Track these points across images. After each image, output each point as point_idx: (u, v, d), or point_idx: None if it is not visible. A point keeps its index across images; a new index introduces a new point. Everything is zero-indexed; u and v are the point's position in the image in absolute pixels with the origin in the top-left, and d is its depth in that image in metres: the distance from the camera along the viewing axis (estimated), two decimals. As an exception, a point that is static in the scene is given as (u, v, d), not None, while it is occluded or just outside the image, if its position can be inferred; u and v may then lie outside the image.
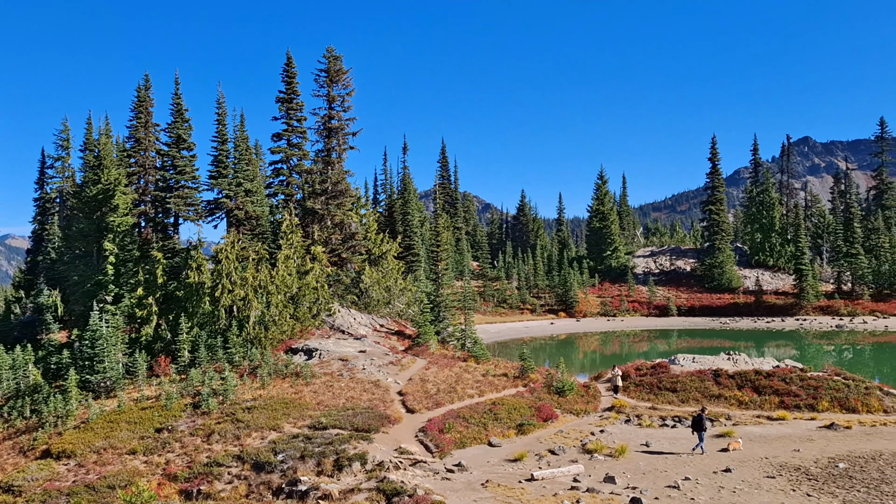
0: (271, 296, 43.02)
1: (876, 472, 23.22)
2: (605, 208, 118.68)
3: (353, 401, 31.52)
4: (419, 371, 38.74)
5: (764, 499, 20.68)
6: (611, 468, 23.86)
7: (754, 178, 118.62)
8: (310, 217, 55.84)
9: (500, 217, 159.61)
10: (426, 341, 46.51)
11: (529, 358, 39.81)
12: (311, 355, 40.66)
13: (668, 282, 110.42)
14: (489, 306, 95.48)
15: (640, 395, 37.03)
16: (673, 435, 29.39)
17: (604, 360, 61.31)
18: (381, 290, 56.95)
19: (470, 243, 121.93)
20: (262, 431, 26.37)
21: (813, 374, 37.23)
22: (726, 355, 42.55)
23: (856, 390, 34.69)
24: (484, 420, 29.91)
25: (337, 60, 57.21)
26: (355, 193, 61.47)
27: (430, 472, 23.40)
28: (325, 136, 57.91)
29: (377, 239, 62.30)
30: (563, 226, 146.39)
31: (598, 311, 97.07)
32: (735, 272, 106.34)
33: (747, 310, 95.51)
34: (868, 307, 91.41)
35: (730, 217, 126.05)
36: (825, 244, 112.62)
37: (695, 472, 23.34)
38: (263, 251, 47.18)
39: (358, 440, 25.12)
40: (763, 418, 32.21)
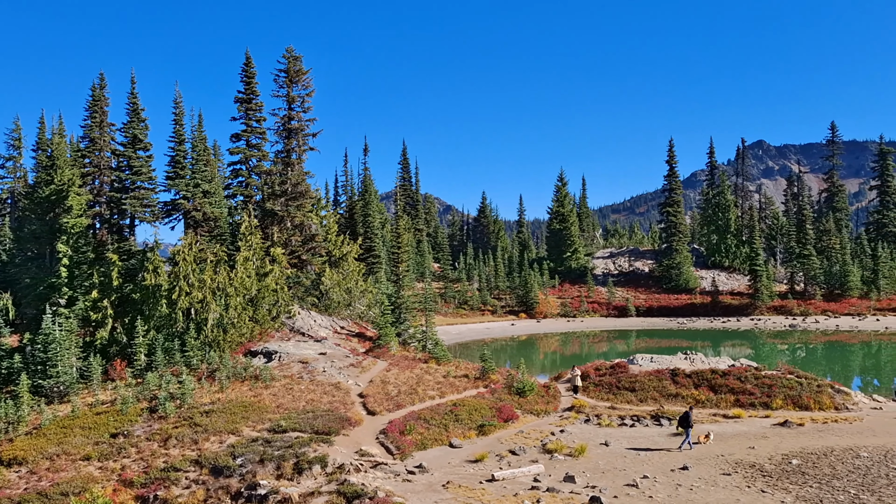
0: (230, 298, 42.52)
1: (827, 468, 23.79)
2: (565, 210, 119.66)
3: (314, 403, 31.31)
4: (380, 373, 38.64)
5: (720, 495, 21.05)
6: (571, 468, 24.08)
7: (710, 180, 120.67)
8: (269, 218, 55.32)
9: (461, 219, 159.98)
10: (387, 343, 46.39)
11: (490, 359, 39.95)
12: (270, 358, 40.28)
13: (626, 283, 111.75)
14: (450, 308, 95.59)
15: (600, 394, 37.43)
16: (632, 434, 29.77)
17: (564, 361, 61.80)
18: (341, 292, 56.66)
19: (431, 245, 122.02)
20: (220, 435, 26.05)
21: (767, 373, 38.01)
22: (683, 355, 43.22)
23: (808, 388, 35.51)
24: (445, 421, 29.94)
25: (297, 61, 56.78)
26: (315, 195, 61.06)
27: (390, 474, 23.36)
28: (284, 136, 57.43)
29: (338, 241, 61.97)
30: (524, 227, 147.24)
31: (558, 312, 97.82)
32: (692, 273, 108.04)
33: (704, 310, 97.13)
34: (820, 307, 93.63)
35: (687, 219, 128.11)
36: (779, 245, 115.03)
37: (653, 471, 23.67)
38: (222, 253, 46.60)
39: (318, 443, 24.96)
40: (719, 416, 32.78)
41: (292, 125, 57.16)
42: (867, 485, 21.82)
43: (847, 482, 22.12)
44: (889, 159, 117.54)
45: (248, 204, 55.34)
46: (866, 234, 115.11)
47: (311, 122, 57.84)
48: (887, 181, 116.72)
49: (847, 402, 34.81)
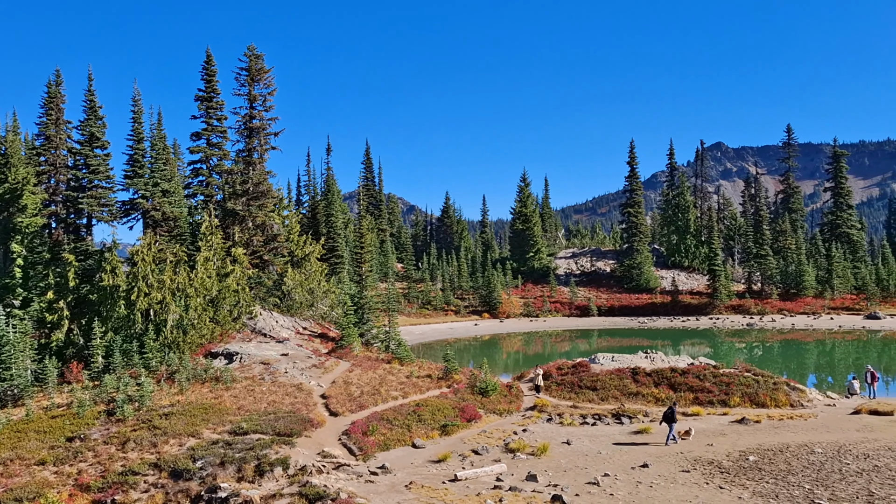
0: (190, 299, 41.98)
1: (783, 464, 24.27)
2: (528, 210, 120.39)
3: (275, 405, 31.06)
4: (343, 373, 38.47)
5: (679, 492, 21.35)
6: (533, 466, 24.22)
7: (670, 181, 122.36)
8: (230, 218, 54.74)
9: (424, 219, 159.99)
10: (350, 343, 46.20)
11: (453, 359, 40.01)
12: (231, 359, 39.86)
13: (588, 282, 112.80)
14: (414, 308, 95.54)
15: (562, 394, 37.73)
16: (592, 432, 30.06)
17: (527, 361, 62.16)
18: (303, 293, 56.27)
19: (394, 245, 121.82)
20: (180, 438, 25.70)
21: (725, 371, 38.67)
22: (644, 354, 43.75)
23: (765, 386, 36.21)
24: (408, 422, 29.92)
25: (258, 59, 56.26)
26: (277, 194, 60.55)
27: (353, 475, 23.27)
28: (246, 135, 56.86)
29: (300, 241, 61.54)
30: (487, 228, 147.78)
31: (521, 312, 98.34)
32: (653, 273, 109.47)
33: (664, 309, 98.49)
34: (776, 306, 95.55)
35: (647, 219, 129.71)
36: (737, 246, 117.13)
37: (614, 469, 23.92)
38: (182, 253, 45.99)
39: (280, 445, 24.77)
40: (679, 415, 33.21)
41: (254, 124, 56.62)
42: (821, 480, 22.31)
43: (802, 477, 22.59)
44: (842, 162, 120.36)
45: (209, 203, 54.69)
46: (821, 235, 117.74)
47: (272, 121, 57.38)
48: (841, 183, 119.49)
49: (802, 399, 35.57)
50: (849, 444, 27.03)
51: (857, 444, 27.03)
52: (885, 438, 27.83)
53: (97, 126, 50.53)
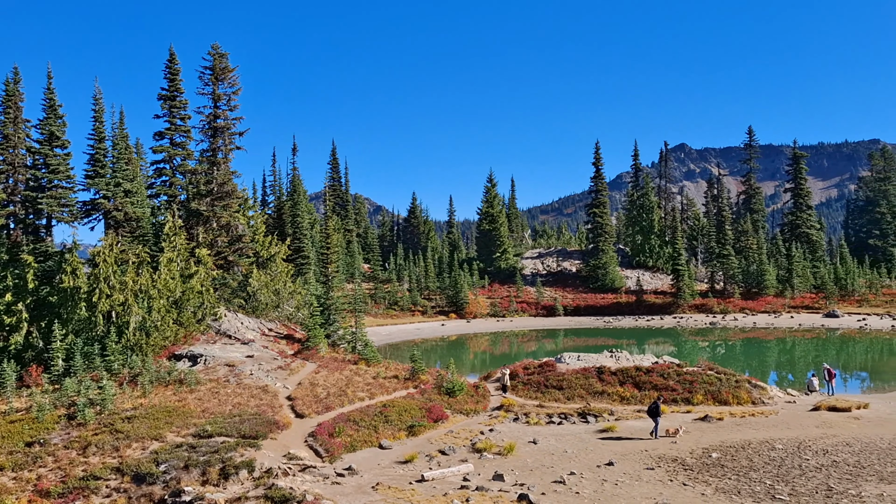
0: (153, 300, 41.40)
1: (745, 461, 24.69)
2: (495, 211, 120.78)
3: (241, 407, 30.78)
4: (309, 375, 38.24)
5: (644, 489, 21.60)
6: (500, 466, 24.32)
7: (635, 182, 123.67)
8: (194, 219, 54.10)
9: (391, 219, 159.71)
10: (316, 345, 45.94)
11: (420, 359, 40.00)
12: (195, 361, 39.40)
13: (555, 282, 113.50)
14: (380, 308, 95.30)
15: (528, 393, 37.92)
16: (559, 431, 30.27)
17: (494, 361, 62.37)
18: (269, 294, 55.81)
19: (361, 245, 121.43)
20: (143, 441, 25.34)
21: (689, 370, 39.20)
22: (609, 353, 44.16)
23: (727, 383, 36.78)
24: (374, 423, 29.85)
25: (223, 58, 55.69)
26: (242, 195, 60.00)
27: (319, 477, 23.15)
28: (210, 135, 56.25)
29: (265, 241, 61.04)
30: (454, 228, 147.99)
31: (487, 312, 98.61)
32: (618, 273, 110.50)
33: (629, 309, 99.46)
34: (738, 305, 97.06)
35: (613, 220, 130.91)
36: (700, 245, 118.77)
37: (580, 467, 24.12)
38: (145, 254, 45.32)
39: (245, 447, 24.55)
40: (643, 413, 33.59)
41: (218, 123, 56.04)
42: (781, 475, 22.74)
43: (763, 473, 23.00)
44: (802, 163, 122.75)
45: (173, 204, 54.01)
46: (781, 235, 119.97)
47: (237, 120, 56.84)
48: (800, 184, 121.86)
49: (763, 396, 36.19)
50: (808, 440, 27.60)
51: (817, 440, 27.61)
52: (843, 434, 28.47)
53: (57, 125, 49.62)
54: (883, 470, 23.18)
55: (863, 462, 24.19)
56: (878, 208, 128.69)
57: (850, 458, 24.84)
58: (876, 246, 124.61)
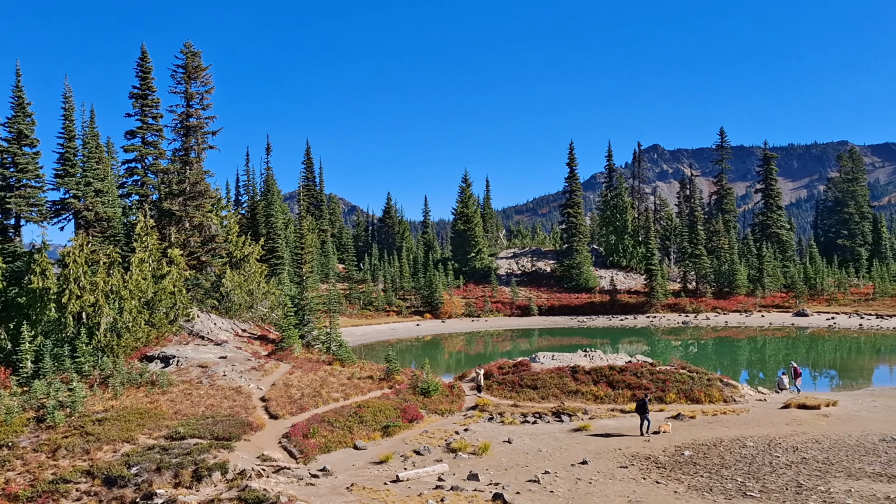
0: (124, 301, 40.91)
1: (717, 458, 24.97)
2: (470, 211, 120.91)
3: (214, 408, 30.53)
4: (283, 376, 38.03)
5: (617, 488, 21.76)
6: (474, 466, 24.37)
7: (609, 182, 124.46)
8: (167, 219, 53.55)
9: (366, 219, 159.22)
10: (290, 345, 45.69)
11: (395, 360, 39.95)
12: (168, 363, 39.01)
13: (529, 282, 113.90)
14: (355, 309, 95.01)
15: (503, 393, 38.02)
16: (533, 431, 30.39)
17: (468, 360, 62.45)
18: (242, 294, 55.40)
19: (335, 245, 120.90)
20: (114, 444, 25.04)
21: (662, 368, 39.54)
22: (583, 352, 44.41)
23: (699, 382, 37.16)
24: (349, 423, 29.77)
25: (195, 56, 55.20)
26: (215, 194, 59.49)
27: (294, 479, 23.04)
28: (182, 134, 55.73)
29: (239, 241, 60.58)
30: (429, 228, 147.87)
31: (462, 312, 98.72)
32: (592, 273, 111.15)
33: (603, 308, 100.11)
34: (710, 304, 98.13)
35: (587, 220, 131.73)
36: (673, 245, 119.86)
37: (554, 466, 24.24)
38: (116, 254, 44.77)
39: (218, 449, 24.35)
40: (617, 411, 33.88)
41: (191, 122, 55.55)
42: (753, 472, 23.03)
43: (735, 471, 23.28)
44: (772, 164, 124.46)
45: (144, 204, 53.41)
46: (752, 235, 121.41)
47: (210, 119, 56.38)
48: (771, 185, 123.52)
49: (735, 394, 36.62)
50: (779, 437, 27.98)
51: (787, 437, 28.01)
52: (812, 432, 28.91)
53: (25, 123, 48.76)
54: (851, 466, 23.57)
55: (831, 459, 24.58)
56: (846, 209, 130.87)
57: (819, 454, 25.22)
58: (844, 246, 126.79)
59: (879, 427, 29.44)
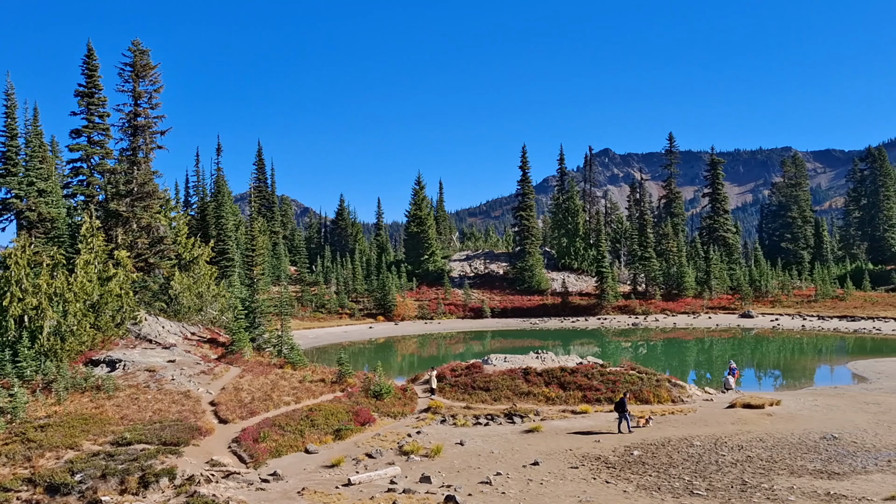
0: (69, 304, 39.93)
1: (665, 458, 25.41)
2: (423, 213, 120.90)
3: (161, 413, 30.01)
4: (233, 380, 37.55)
5: (568, 488, 21.99)
6: (427, 468, 24.38)
7: (561, 186, 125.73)
8: (113, 220, 52.42)
9: (318, 221, 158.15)
10: (240, 349, 45.13)
11: (347, 363, 39.77)
12: (114, 367, 38.20)
13: (482, 285, 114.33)
14: (307, 311, 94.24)
15: (456, 395, 38.09)
16: (485, 432, 30.52)
17: (421, 363, 62.45)
18: (192, 297, 54.53)
19: (288, 248, 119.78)
20: (57, 451, 24.42)
21: (612, 370, 40.07)
22: (535, 354, 44.75)
23: (648, 383, 37.77)
24: (300, 427, 29.52)
25: (144, 55, 54.17)
26: (164, 195, 58.47)
27: (243, 484, 22.77)
28: (130, 134, 54.61)
29: (188, 243, 59.62)
30: (382, 230, 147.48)
31: (416, 315, 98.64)
32: (544, 275, 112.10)
33: (555, 310, 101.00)
34: (659, 306, 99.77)
35: (539, 223, 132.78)
36: (623, 248, 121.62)
37: (506, 467, 24.38)
38: (60, 256, 43.69)
39: (166, 454, 23.94)
40: (568, 412, 34.22)
41: (139, 122, 54.48)
42: (699, 471, 23.50)
43: (682, 470, 23.73)
44: (719, 169, 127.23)
45: (90, 204, 52.21)
46: (700, 238, 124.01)
47: (159, 119, 55.37)
48: (718, 189, 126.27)
49: (682, 395, 37.32)
50: (725, 436, 28.60)
51: (732, 436, 28.65)
52: (756, 430, 29.62)
53: (-35, 121, 47.38)
54: (793, 464, 24.22)
55: (775, 457, 25.22)
56: (789, 213, 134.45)
57: (764, 453, 25.86)
58: (788, 249, 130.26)
59: (820, 426, 30.30)
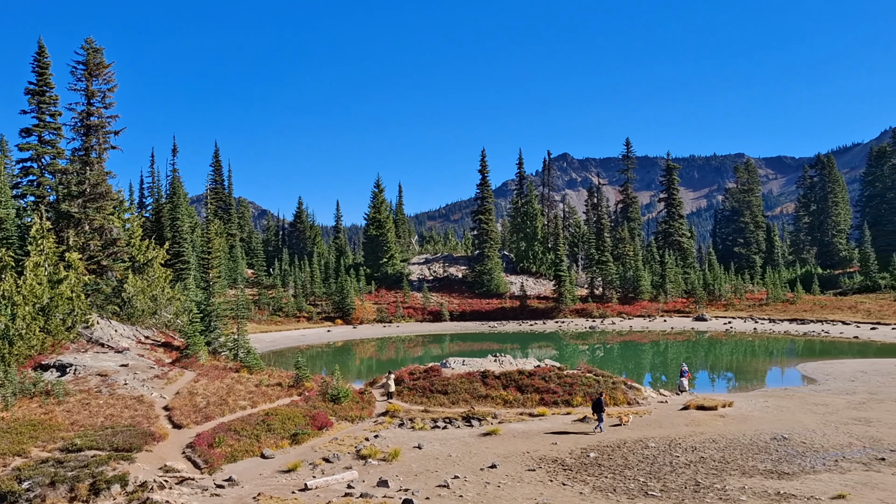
0: (17, 307, 38.94)
1: (620, 459, 25.70)
2: (382, 216, 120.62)
3: (114, 419, 29.41)
4: (188, 384, 36.97)
5: (525, 490, 22.11)
6: (384, 472, 24.30)
7: (520, 190, 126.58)
8: (65, 221, 51.30)
9: (276, 224, 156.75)
10: (196, 353, 44.46)
11: (305, 366, 39.45)
12: (64, 371, 37.33)
13: (441, 288, 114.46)
14: (264, 315, 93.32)
15: (414, 398, 38.06)
16: (443, 436, 30.54)
17: (380, 366, 62.20)
18: (146, 300, 53.57)
19: (245, 250, 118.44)
20: (4, 458, 23.76)
21: (569, 372, 40.41)
22: (493, 357, 44.94)
23: (605, 385, 38.16)
24: (256, 432, 29.19)
25: (97, 53, 53.14)
26: (118, 196, 57.40)
27: (198, 490, 22.43)
28: (83, 133, 53.52)
29: (142, 245, 58.60)
30: (341, 233, 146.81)
31: (374, 318, 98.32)
32: (503, 278, 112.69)
33: (513, 314, 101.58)
34: (616, 309, 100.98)
35: (498, 226, 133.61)
36: (581, 252, 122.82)
37: (463, 471, 24.42)
38: (8, 258, 42.61)
39: (118, 461, 23.46)
40: (526, 415, 34.41)
41: (92, 121, 53.42)
42: (654, 472, 23.82)
43: (637, 471, 24.02)
44: (675, 174, 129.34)
45: (41, 205, 51.00)
46: (656, 243, 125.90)
47: (113, 118, 54.37)
48: (673, 194, 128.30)
49: (638, 397, 37.79)
50: (679, 437, 29.04)
51: (686, 437, 29.10)
52: (709, 432, 30.13)
53: None
54: (745, 464, 24.69)
55: (727, 457, 25.68)
56: (742, 218, 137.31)
57: (716, 454, 26.31)
58: (740, 253, 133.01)
59: (771, 426, 30.95)
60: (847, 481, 22.16)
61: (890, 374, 47.00)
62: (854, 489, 21.20)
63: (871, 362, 54.20)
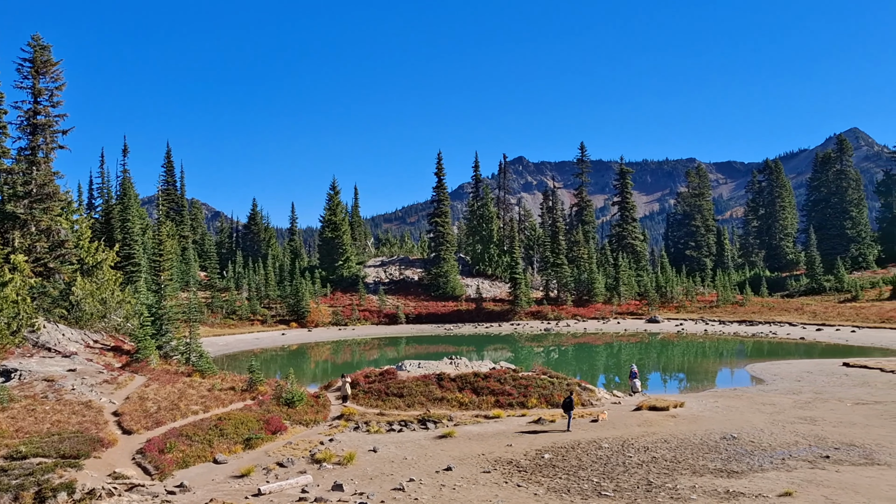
0: (-41, 311, 37.77)
1: (574, 460, 25.94)
2: (338, 219, 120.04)
3: (61, 425, 28.70)
4: (138, 389, 36.28)
5: (480, 492, 22.18)
6: (339, 476, 24.16)
7: (475, 193, 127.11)
8: (10, 222, 49.92)
9: (230, 226, 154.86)
10: (146, 357, 43.65)
11: (258, 370, 39.01)
12: (9, 377, 36.33)
13: (397, 290, 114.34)
14: (218, 318, 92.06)
15: (369, 401, 37.93)
16: (399, 439, 30.48)
17: (335, 369, 61.82)
18: (95, 303, 52.37)
19: (197, 252, 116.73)
20: (-56, 467, 23.03)
21: (524, 374, 40.67)
22: (449, 360, 45.02)
23: (559, 387, 38.51)
24: (209, 436, 28.77)
25: (45, 51, 51.86)
26: (66, 197, 56.01)
27: (148, 496, 22.02)
28: (29, 132, 52.17)
29: (91, 247, 57.26)
30: (296, 235, 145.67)
31: (330, 321, 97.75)
32: (458, 281, 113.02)
33: (469, 316, 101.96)
34: (571, 312, 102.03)
35: (454, 229, 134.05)
36: (536, 255, 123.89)
37: (419, 473, 24.40)
38: (-50, 260, 41.33)
39: (65, 468, 22.90)
40: (481, 417, 34.53)
41: (38, 120, 52.11)
42: (607, 472, 24.10)
43: (591, 472, 24.28)
44: (628, 178, 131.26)
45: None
46: (609, 246, 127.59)
47: (61, 117, 53.06)
48: (626, 198, 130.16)
49: (592, 398, 38.21)
50: (631, 438, 29.43)
51: (639, 437, 29.50)
52: (661, 432, 30.61)
53: None
54: (696, 463, 25.13)
55: (678, 457, 26.11)
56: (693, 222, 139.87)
57: (668, 453, 26.73)
58: (692, 256, 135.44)
59: (720, 426, 31.57)
60: (793, 479, 22.71)
61: (834, 374, 48.29)
62: (800, 486, 21.74)
63: (817, 363, 55.63)
